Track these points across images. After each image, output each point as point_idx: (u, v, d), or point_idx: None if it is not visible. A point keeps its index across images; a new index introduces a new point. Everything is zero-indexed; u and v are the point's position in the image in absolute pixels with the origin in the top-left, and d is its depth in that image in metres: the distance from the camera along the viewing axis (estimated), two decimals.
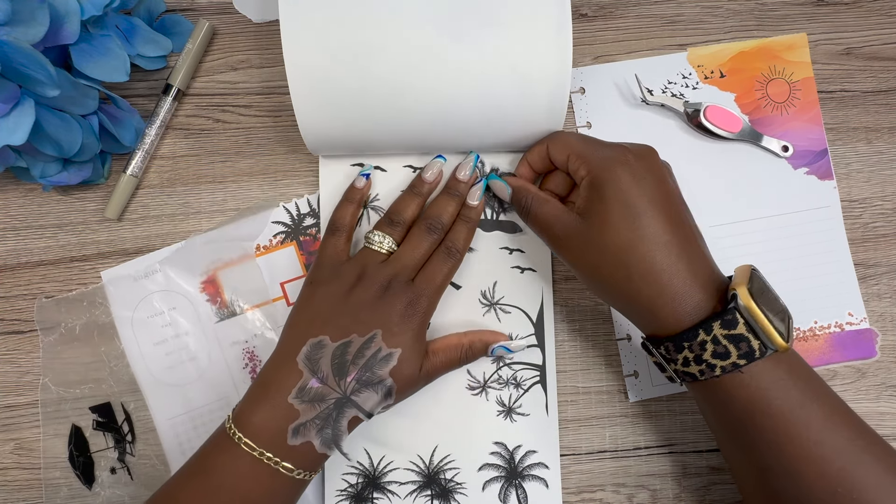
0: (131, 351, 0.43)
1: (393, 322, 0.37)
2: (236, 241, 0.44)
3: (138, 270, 0.44)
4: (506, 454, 0.43)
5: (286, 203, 0.45)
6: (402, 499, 0.42)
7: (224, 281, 0.44)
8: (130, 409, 0.43)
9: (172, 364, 0.43)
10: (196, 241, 0.44)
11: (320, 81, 0.37)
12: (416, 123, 0.39)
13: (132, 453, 0.43)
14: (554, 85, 0.37)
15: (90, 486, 0.43)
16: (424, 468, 0.42)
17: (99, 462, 0.43)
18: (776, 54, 0.46)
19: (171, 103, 0.45)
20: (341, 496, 0.42)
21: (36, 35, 0.35)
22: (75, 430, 0.43)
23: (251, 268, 0.44)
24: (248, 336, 0.44)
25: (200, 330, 0.43)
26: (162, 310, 0.43)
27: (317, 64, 0.36)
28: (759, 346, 0.32)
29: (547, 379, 0.43)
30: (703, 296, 0.33)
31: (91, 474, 0.43)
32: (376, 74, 0.37)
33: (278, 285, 0.44)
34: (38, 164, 0.41)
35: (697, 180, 0.45)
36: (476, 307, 0.43)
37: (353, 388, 0.36)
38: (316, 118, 0.38)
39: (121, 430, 0.43)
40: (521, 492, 0.42)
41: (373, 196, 0.44)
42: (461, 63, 0.37)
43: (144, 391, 0.43)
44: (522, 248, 0.44)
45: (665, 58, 0.46)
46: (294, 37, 0.36)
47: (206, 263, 0.44)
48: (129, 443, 0.43)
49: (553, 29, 0.36)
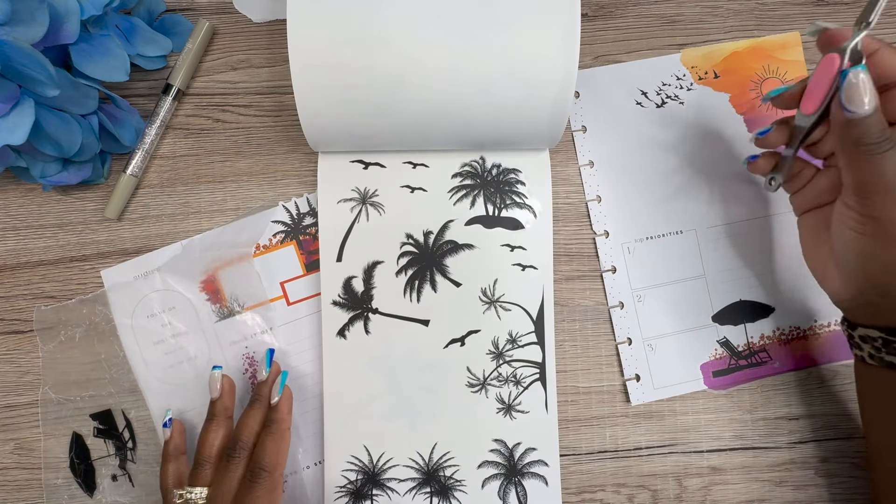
0: (132, 352, 0.43)
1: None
2: (235, 248, 0.44)
3: (137, 275, 0.44)
4: (505, 451, 0.43)
5: (286, 202, 0.45)
6: (402, 496, 0.42)
7: (224, 281, 0.44)
8: (131, 416, 0.43)
9: (172, 364, 0.43)
10: (194, 246, 0.44)
11: (323, 73, 0.37)
12: (417, 119, 0.39)
13: (133, 460, 0.43)
14: (559, 88, 0.37)
15: (91, 493, 0.43)
16: (424, 465, 0.42)
17: (100, 469, 0.43)
18: (769, 54, 0.46)
19: (171, 103, 0.45)
20: (340, 492, 0.42)
21: (36, 35, 0.35)
22: (76, 437, 0.43)
23: (249, 269, 0.44)
24: (247, 337, 0.44)
25: (200, 330, 0.43)
26: (161, 310, 0.43)
27: (321, 56, 0.36)
28: None
29: (546, 376, 0.43)
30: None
31: (92, 481, 0.43)
32: (381, 68, 0.37)
33: (278, 285, 0.44)
34: (37, 163, 0.41)
35: (695, 181, 0.45)
36: (476, 304, 0.43)
37: None
38: (317, 111, 0.38)
39: (122, 437, 0.43)
40: (521, 489, 0.42)
41: (371, 192, 0.44)
42: (466, 61, 0.37)
43: (144, 391, 0.43)
44: (524, 246, 0.44)
45: (658, 59, 0.46)
46: (299, 28, 0.36)
47: (205, 264, 0.44)
48: (129, 450, 0.43)
49: (561, 33, 0.36)
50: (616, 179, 0.45)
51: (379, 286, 0.43)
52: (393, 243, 0.44)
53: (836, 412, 0.44)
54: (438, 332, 0.43)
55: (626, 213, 0.45)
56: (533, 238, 0.44)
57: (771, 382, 0.44)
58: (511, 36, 0.36)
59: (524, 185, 0.44)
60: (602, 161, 0.45)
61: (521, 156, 0.44)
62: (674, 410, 0.44)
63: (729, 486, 0.43)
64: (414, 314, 0.43)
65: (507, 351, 0.43)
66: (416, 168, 0.44)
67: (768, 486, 0.43)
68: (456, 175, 0.44)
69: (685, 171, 0.45)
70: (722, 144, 0.45)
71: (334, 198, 0.43)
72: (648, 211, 0.45)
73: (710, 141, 0.45)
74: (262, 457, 0.38)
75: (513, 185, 0.44)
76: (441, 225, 0.44)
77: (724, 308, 0.44)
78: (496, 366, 0.43)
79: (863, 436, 0.43)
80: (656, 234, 0.45)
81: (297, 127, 0.46)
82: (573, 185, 0.45)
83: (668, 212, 0.45)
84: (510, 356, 0.43)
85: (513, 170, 0.44)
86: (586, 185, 0.45)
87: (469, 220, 0.44)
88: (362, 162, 0.44)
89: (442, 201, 0.44)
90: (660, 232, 0.45)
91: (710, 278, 0.45)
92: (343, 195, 0.44)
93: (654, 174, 0.45)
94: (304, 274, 0.44)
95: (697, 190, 0.45)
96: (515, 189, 0.44)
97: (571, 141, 0.46)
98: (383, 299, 0.43)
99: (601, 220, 0.45)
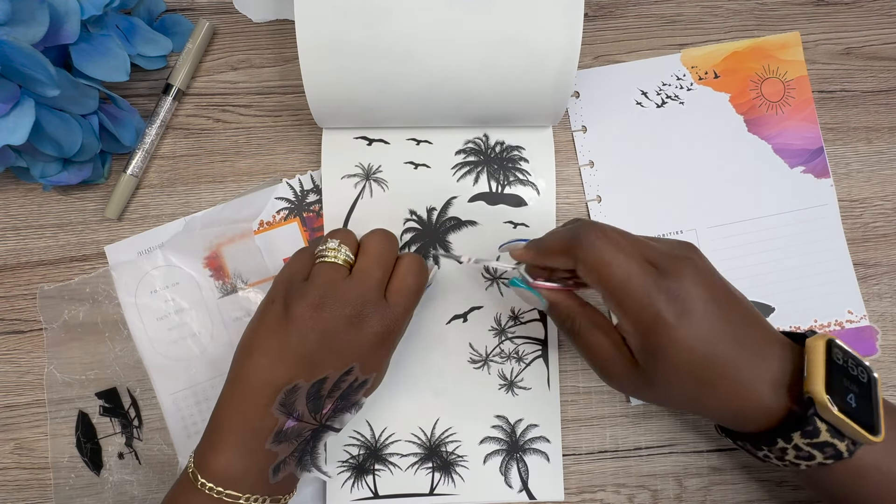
0: (135, 328, 0.43)
1: (369, 352, 0.34)
2: (237, 224, 0.44)
3: (141, 251, 0.44)
4: (507, 427, 0.43)
5: (289, 179, 0.45)
6: (404, 471, 0.42)
7: (227, 257, 0.44)
8: (136, 393, 0.43)
9: (175, 339, 0.43)
10: (196, 222, 0.44)
11: (328, 46, 0.37)
12: (421, 92, 0.39)
13: (140, 438, 0.43)
14: (562, 59, 0.37)
15: (98, 472, 0.43)
16: (426, 441, 0.42)
17: (106, 448, 0.43)
18: (770, 53, 0.46)
19: (171, 103, 0.45)
20: (343, 467, 0.42)
21: (36, 35, 0.35)
22: (82, 416, 0.43)
23: (251, 245, 0.44)
24: (250, 312, 0.44)
25: (203, 306, 0.44)
26: (164, 286, 0.43)
27: (326, 27, 0.36)
28: (846, 447, 0.29)
29: (549, 353, 0.43)
30: (773, 396, 0.30)
31: (99, 460, 0.43)
32: (384, 40, 0.37)
33: (281, 261, 0.44)
34: (38, 163, 0.41)
35: (695, 182, 0.45)
36: (479, 281, 0.43)
37: (328, 416, 0.35)
38: (323, 84, 0.38)
39: (127, 415, 0.43)
40: (523, 465, 0.42)
41: (375, 168, 0.44)
42: (469, 32, 0.37)
43: (148, 368, 0.43)
44: (527, 223, 0.44)
45: (658, 59, 0.46)
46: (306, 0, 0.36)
47: (208, 240, 0.44)
48: (136, 427, 0.43)
49: (564, 4, 0.36)
50: (616, 179, 0.45)
51: None
52: (396, 219, 0.44)
53: None
54: (441, 307, 0.43)
55: (626, 213, 0.45)
56: (536, 215, 0.44)
57: None
58: (514, 7, 0.36)
59: (528, 161, 0.44)
60: (602, 161, 0.45)
61: (524, 133, 0.44)
62: (674, 410, 0.44)
63: (729, 486, 0.43)
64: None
65: (509, 327, 0.43)
66: (420, 145, 0.44)
67: (768, 486, 0.43)
68: (459, 152, 0.44)
69: (685, 171, 0.45)
70: (722, 144, 0.45)
71: (338, 173, 0.43)
72: (648, 211, 0.45)
73: (710, 141, 0.45)
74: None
75: (516, 162, 0.44)
76: (444, 201, 0.44)
77: None
78: (498, 342, 0.43)
79: None
80: (656, 234, 0.45)
81: (298, 127, 0.46)
82: (573, 184, 0.45)
83: (667, 212, 0.45)
84: (512, 332, 0.43)
85: (516, 147, 0.44)
86: (586, 185, 0.45)
87: (472, 196, 0.44)
88: (366, 138, 0.44)
89: (445, 177, 0.44)
90: (660, 232, 0.45)
91: None
92: (347, 171, 0.44)
93: (654, 174, 0.45)
94: None
95: (697, 190, 0.45)
96: (519, 166, 0.44)
97: (571, 141, 0.46)
98: None
99: (601, 221, 0.45)
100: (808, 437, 0.29)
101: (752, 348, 0.31)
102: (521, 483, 0.42)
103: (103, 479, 0.43)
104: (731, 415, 0.32)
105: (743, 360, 0.30)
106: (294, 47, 0.38)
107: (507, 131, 0.44)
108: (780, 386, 0.30)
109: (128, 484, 0.43)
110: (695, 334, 0.30)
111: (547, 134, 0.44)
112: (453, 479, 0.42)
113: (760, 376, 0.31)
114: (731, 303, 0.32)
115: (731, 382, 0.31)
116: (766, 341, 0.31)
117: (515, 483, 0.42)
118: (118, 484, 0.43)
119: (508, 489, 0.42)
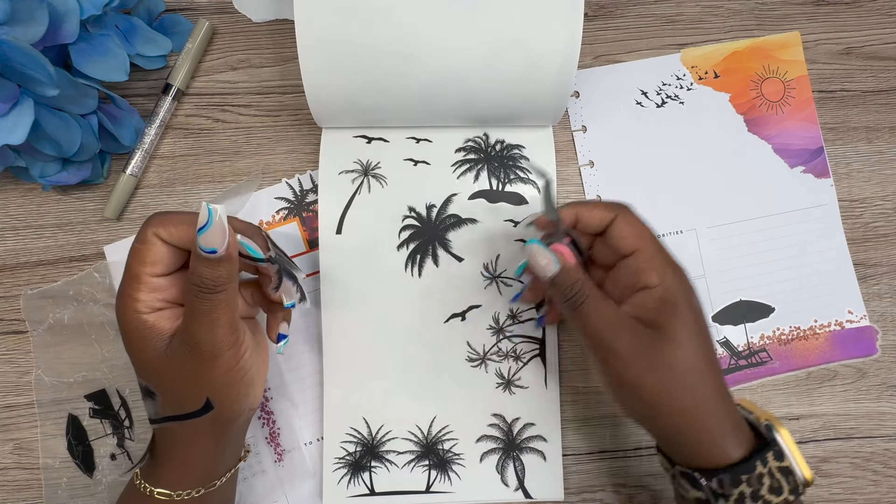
0: None
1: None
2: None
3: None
4: (504, 426, 0.43)
5: (289, 179, 0.45)
6: (400, 468, 0.42)
7: None
8: (126, 394, 0.43)
9: None
10: None
11: (328, 44, 0.37)
12: (421, 91, 0.39)
13: (131, 438, 0.43)
14: (562, 59, 0.37)
15: (91, 473, 0.43)
16: (423, 438, 0.42)
17: (98, 449, 0.43)
18: (770, 53, 0.46)
19: (171, 103, 0.44)
20: (339, 464, 0.42)
21: (35, 34, 0.35)
22: (72, 419, 0.43)
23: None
24: None
25: None
26: None
27: (326, 26, 0.36)
28: (801, 479, 0.31)
29: (547, 353, 0.43)
30: (740, 432, 0.32)
31: (91, 462, 0.43)
32: (384, 39, 0.37)
33: None
34: (37, 163, 0.41)
35: (695, 181, 0.45)
36: (478, 280, 0.43)
37: None
38: (323, 83, 0.38)
39: (118, 416, 0.43)
40: (519, 464, 0.42)
41: (374, 164, 0.43)
42: (469, 31, 0.37)
43: None
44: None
45: (658, 59, 0.46)
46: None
47: None
48: (127, 428, 0.43)
49: (565, 3, 0.36)
50: (616, 179, 0.45)
51: (380, 260, 0.43)
52: (395, 216, 0.43)
53: (836, 412, 0.44)
54: (440, 306, 0.43)
55: None
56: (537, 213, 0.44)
57: (771, 382, 0.44)
58: (514, 7, 0.36)
59: (528, 160, 0.44)
60: (602, 161, 0.45)
61: (524, 132, 0.44)
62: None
63: None
64: (415, 288, 0.43)
65: (507, 326, 0.43)
66: (420, 143, 0.44)
67: None
68: (460, 150, 0.44)
69: (685, 171, 0.45)
70: (722, 144, 0.45)
71: (335, 169, 0.43)
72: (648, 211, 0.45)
73: (710, 141, 0.45)
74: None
75: (516, 161, 0.44)
76: (444, 198, 0.44)
77: (724, 308, 0.44)
78: (496, 341, 0.43)
79: (863, 436, 0.43)
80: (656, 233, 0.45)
81: (297, 127, 0.46)
82: (573, 185, 0.45)
83: (667, 211, 0.45)
84: (510, 331, 0.43)
85: (516, 146, 0.44)
86: (586, 185, 0.45)
87: (473, 193, 0.44)
88: (365, 137, 0.44)
89: (445, 174, 0.44)
90: (660, 232, 0.45)
91: (710, 278, 0.45)
92: (345, 167, 0.43)
93: (654, 174, 0.45)
94: (307, 251, 0.44)
95: (697, 190, 0.45)
96: (519, 164, 0.44)
97: (571, 141, 0.46)
98: (384, 274, 0.43)
99: None
100: (778, 458, 0.31)
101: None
102: (517, 482, 0.42)
103: (96, 481, 0.43)
104: (717, 428, 0.32)
105: (720, 382, 0.33)
106: (294, 47, 0.38)
107: (508, 131, 0.44)
108: (742, 427, 0.33)
109: (121, 484, 0.42)
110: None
111: (547, 133, 0.44)
112: (449, 477, 0.42)
113: (731, 407, 0.33)
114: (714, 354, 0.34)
115: (721, 388, 0.33)
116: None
117: (512, 482, 0.42)
118: (111, 485, 0.42)
119: (505, 488, 0.42)
